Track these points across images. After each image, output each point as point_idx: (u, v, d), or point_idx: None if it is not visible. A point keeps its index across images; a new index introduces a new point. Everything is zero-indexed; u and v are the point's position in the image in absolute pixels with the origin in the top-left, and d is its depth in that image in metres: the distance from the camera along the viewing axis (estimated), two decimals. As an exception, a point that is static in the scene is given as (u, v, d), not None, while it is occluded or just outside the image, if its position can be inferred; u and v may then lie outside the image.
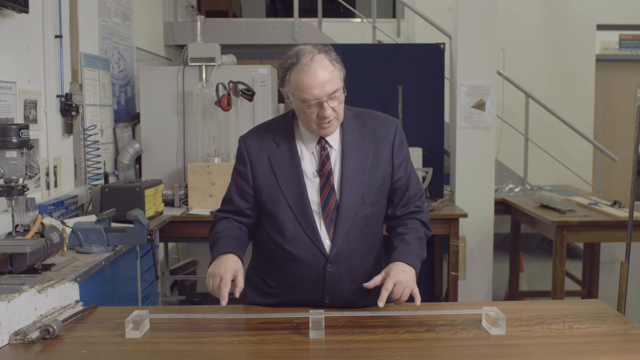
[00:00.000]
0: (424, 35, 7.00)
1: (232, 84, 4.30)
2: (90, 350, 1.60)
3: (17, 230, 2.17)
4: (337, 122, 1.91)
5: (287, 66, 1.85)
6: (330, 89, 1.82)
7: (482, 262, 4.65)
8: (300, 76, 1.82)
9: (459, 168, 4.59)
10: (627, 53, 7.88)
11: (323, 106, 1.83)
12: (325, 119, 1.85)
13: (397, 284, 1.79)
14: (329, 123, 1.87)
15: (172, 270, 5.28)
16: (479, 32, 4.52)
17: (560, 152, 6.95)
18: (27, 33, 3.29)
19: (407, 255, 1.89)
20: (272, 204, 1.95)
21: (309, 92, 1.81)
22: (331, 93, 1.83)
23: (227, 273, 1.80)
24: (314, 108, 1.84)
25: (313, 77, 1.80)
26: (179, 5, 6.52)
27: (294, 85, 1.85)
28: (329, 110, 1.85)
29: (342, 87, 1.87)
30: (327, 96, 1.82)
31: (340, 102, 1.87)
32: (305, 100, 1.83)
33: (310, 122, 1.88)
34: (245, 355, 1.60)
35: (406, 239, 1.95)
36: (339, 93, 1.85)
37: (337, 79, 1.85)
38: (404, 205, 2.03)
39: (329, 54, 1.86)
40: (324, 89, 1.81)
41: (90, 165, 4.01)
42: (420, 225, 2.02)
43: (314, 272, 1.93)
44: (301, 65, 1.82)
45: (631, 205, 3.10)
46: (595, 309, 1.92)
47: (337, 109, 1.87)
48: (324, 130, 1.90)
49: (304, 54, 1.84)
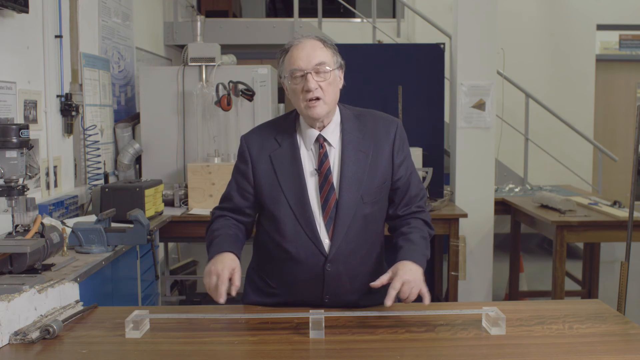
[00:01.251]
0: (424, 35, 7.00)
1: (232, 84, 4.30)
2: (90, 350, 1.60)
3: (17, 230, 2.17)
4: (325, 105, 1.89)
5: (284, 48, 1.91)
6: (316, 60, 1.85)
7: (482, 262, 4.65)
8: (290, 52, 1.88)
9: (459, 168, 4.59)
10: (627, 53, 7.88)
11: (307, 77, 1.84)
12: (309, 92, 1.85)
13: (405, 283, 1.78)
14: (315, 102, 1.86)
15: (172, 270, 5.28)
16: (479, 32, 4.51)
17: (560, 152, 6.95)
18: (27, 33, 3.29)
19: (413, 254, 1.89)
20: (272, 203, 1.95)
21: (295, 63, 1.85)
22: (317, 64, 1.84)
23: (224, 271, 1.80)
24: (299, 81, 1.86)
25: (301, 49, 1.86)
26: (179, 5, 6.52)
27: (285, 65, 1.89)
28: (312, 82, 1.84)
29: (333, 65, 1.88)
30: (312, 68, 1.84)
31: (329, 81, 1.87)
32: (292, 73, 1.86)
33: (299, 100, 1.89)
34: (245, 355, 1.60)
35: (411, 238, 1.94)
36: (327, 67, 1.86)
37: (326, 55, 1.88)
38: (406, 205, 2.02)
39: (326, 43, 1.92)
40: (310, 59, 1.85)
41: (90, 165, 4.01)
42: (423, 225, 2.02)
43: (313, 272, 1.92)
44: (293, 44, 1.89)
45: (631, 205, 3.10)
46: (595, 309, 1.91)
47: (324, 87, 1.86)
48: (310, 111, 1.88)
49: (298, 37, 1.91)
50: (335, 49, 1.94)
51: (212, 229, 2.01)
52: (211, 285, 1.80)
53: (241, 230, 2.03)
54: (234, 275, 1.81)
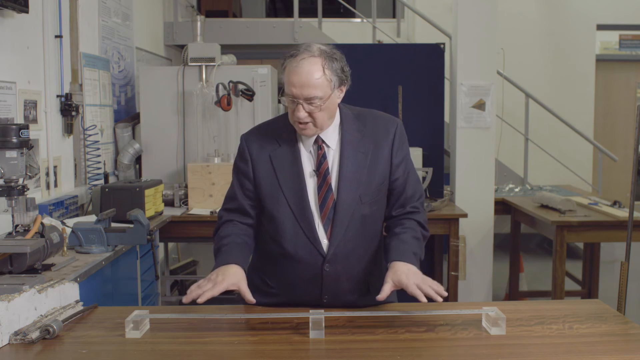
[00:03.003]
0: (424, 35, 7.00)
1: (232, 84, 4.30)
2: (90, 350, 1.60)
3: (17, 230, 2.17)
4: (315, 128, 1.89)
5: (287, 57, 1.88)
6: (308, 94, 1.82)
7: (482, 262, 4.65)
8: (288, 71, 1.85)
9: (459, 168, 4.59)
10: (627, 53, 7.88)
11: (297, 107, 1.85)
12: (298, 119, 1.86)
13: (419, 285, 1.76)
14: (304, 125, 1.88)
15: (172, 270, 5.28)
16: (479, 32, 4.52)
17: (560, 152, 6.95)
18: (27, 33, 3.29)
19: (404, 254, 1.88)
20: (271, 202, 1.95)
21: (289, 88, 1.84)
22: (308, 98, 1.83)
23: (221, 285, 1.78)
24: (291, 104, 1.86)
25: (297, 75, 1.82)
26: (179, 5, 6.51)
27: (284, 77, 1.88)
28: (302, 113, 1.85)
29: (327, 96, 1.85)
30: (303, 99, 1.83)
31: (320, 109, 1.85)
32: (287, 94, 1.86)
33: (291, 116, 1.90)
34: (245, 355, 1.60)
35: (402, 237, 1.94)
36: (318, 102, 1.84)
37: (322, 86, 1.83)
38: (401, 206, 2.01)
39: (329, 61, 1.85)
40: (302, 91, 1.82)
41: (90, 165, 4.01)
42: (417, 226, 2.00)
43: (312, 272, 1.92)
44: (294, 60, 1.84)
45: (631, 205, 3.10)
46: (595, 309, 1.91)
47: (315, 115, 1.86)
48: (300, 131, 1.91)
49: (303, 51, 1.85)
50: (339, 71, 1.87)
51: (220, 235, 2.00)
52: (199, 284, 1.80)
53: (250, 235, 2.02)
54: (241, 290, 1.82)
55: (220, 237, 1.98)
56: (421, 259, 1.94)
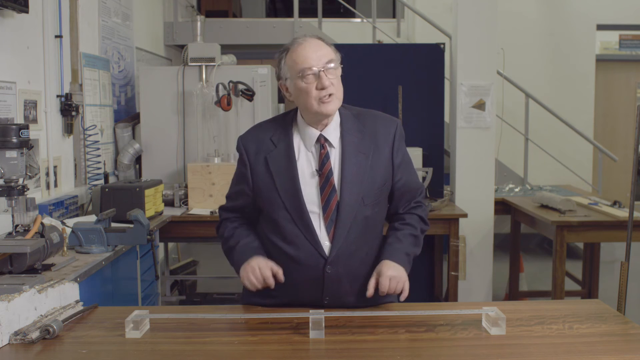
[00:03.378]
0: (424, 35, 6.99)
1: (232, 84, 4.30)
2: (90, 350, 1.60)
3: (17, 230, 2.17)
4: (337, 100, 1.91)
5: (282, 53, 1.92)
6: (325, 58, 1.87)
7: (482, 262, 4.65)
8: (294, 53, 1.88)
9: (459, 168, 4.59)
10: (627, 53, 7.88)
11: (320, 75, 1.85)
12: (324, 89, 1.86)
13: (391, 279, 1.86)
14: (330, 97, 1.88)
15: (172, 270, 5.28)
16: (479, 32, 4.51)
17: (560, 152, 6.95)
18: (27, 33, 3.29)
19: (396, 253, 1.94)
20: (269, 205, 1.95)
21: (305, 62, 1.86)
22: (326, 62, 1.86)
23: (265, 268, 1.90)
24: (312, 80, 1.86)
25: (307, 49, 1.87)
26: (179, 5, 6.51)
27: (289, 66, 1.89)
28: (326, 80, 1.86)
29: (339, 61, 1.91)
30: (322, 66, 1.86)
31: (337, 77, 1.90)
32: (302, 73, 1.86)
33: (311, 98, 1.87)
34: (245, 355, 1.60)
35: (399, 235, 1.99)
36: (334, 64, 1.88)
37: (330, 52, 1.90)
38: (406, 202, 2.05)
39: (322, 38, 1.95)
40: (320, 58, 1.86)
41: (90, 165, 4.01)
42: (417, 221, 2.03)
43: (313, 274, 1.92)
44: (297, 42, 1.90)
45: (631, 205, 3.10)
46: (595, 309, 1.92)
47: (335, 83, 1.89)
48: (324, 106, 1.88)
49: (296, 39, 1.92)
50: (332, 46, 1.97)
51: (226, 236, 2.04)
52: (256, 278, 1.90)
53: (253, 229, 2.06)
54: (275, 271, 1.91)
55: (226, 239, 2.04)
56: (416, 255, 2.00)
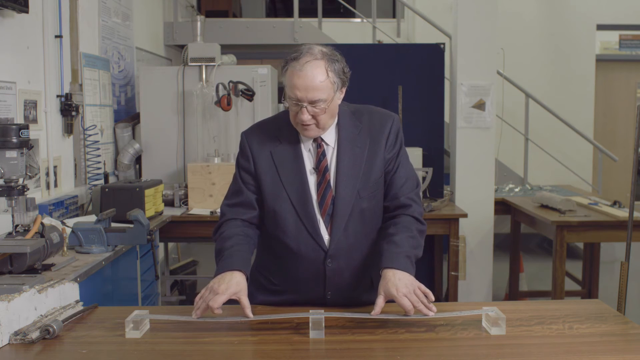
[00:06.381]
0: (424, 35, 6.99)
1: (232, 84, 4.30)
2: (90, 350, 1.60)
3: (17, 230, 2.17)
4: (318, 129, 1.90)
5: (289, 59, 1.87)
6: (313, 96, 1.82)
7: (482, 262, 4.65)
8: (291, 73, 1.84)
9: (459, 168, 4.59)
10: (627, 53, 7.88)
11: (301, 110, 1.85)
12: (301, 121, 1.86)
13: (408, 296, 1.75)
14: (307, 127, 1.88)
15: (172, 270, 5.28)
16: (479, 32, 4.52)
17: (560, 152, 6.95)
18: (27, 33, 3.29)
19: (396, 259, 1.84)
20: (273, 199, 1.95)
21: (292, 91, 1.84)
22: (313, 101, 1.83)
23: (222, 295, 1.75)
24: (294, 106, 1.86)
25: (301, 79, 1.82)
26: (179, 5, 6.52)
27: (287, 80, 1.87)
28: (306, 115, 1.85)
29: (330, 98, 1.86)
30: (308, 102, 1.83)
31: (324, 112, 1.86)
32: (289, 97, 1.86)
33: (293, 118, 1.90)
34: (245, 355, 1.60)
35: (395, 239, 1.90)
36: (322, 104, 1.84)
37: (325, 89, 1.84)
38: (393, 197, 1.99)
39: (331, 63, 1.86)
40: (307, 94, 1.82)
41: (90, 165, 4.01)
42: (411, 222, 1.97)
43: (315, 268, 1.93)
44: (297, 63, 1.83)
45: (631, 205, 3.11)
46: (595, 309, 1.91)
47: (319, 118, 1.87)
48: (303, 131, 1.91)
49: (306, 53, 1.84)
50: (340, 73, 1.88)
51: (223, 236, 1.95)
52: (202, 298, 1.77)
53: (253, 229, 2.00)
54: (240, 300, 1.78)
55: (223, 238, 1.94)
56: (418, 257, 1.91)
